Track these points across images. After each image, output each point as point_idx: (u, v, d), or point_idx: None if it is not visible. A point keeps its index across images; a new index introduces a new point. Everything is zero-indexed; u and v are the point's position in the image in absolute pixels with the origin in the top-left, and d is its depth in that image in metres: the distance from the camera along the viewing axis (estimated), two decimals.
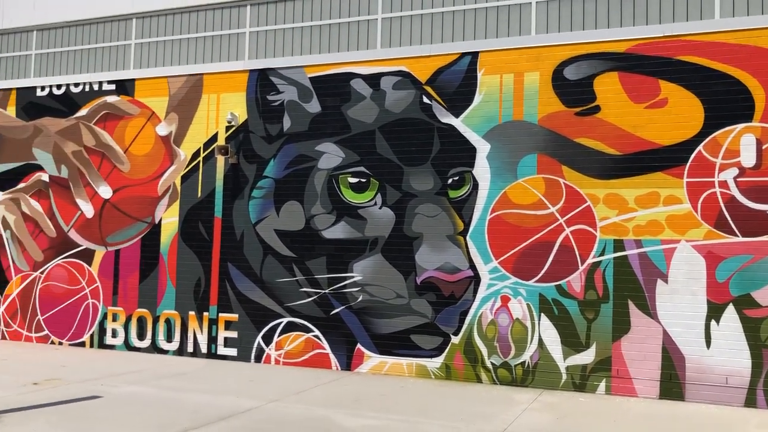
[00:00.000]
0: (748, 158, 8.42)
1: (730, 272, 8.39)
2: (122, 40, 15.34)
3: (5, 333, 12.36)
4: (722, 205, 8.48)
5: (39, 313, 12.10)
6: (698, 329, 8.47)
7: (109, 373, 9.27)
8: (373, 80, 10.29)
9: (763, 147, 8.39)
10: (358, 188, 10.21)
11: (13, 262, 12.43)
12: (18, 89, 12.79)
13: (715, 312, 8.42)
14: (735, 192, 8.43)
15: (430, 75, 9.97)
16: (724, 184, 8.49)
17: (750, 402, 8.19)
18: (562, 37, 9.45)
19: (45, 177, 12.28)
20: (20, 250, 12.37)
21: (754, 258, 8.31)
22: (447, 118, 9.82)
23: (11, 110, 12.76)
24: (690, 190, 8.62)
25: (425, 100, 9.96)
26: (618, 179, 8.94)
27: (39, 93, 12.57)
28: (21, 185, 12.48)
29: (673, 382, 8.50)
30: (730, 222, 8.43)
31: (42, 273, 12.15)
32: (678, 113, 8.74)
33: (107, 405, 7.44)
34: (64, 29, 16.03)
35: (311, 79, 10.66)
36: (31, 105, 12.60)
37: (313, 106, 10.59)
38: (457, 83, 9.83)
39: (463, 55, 9.85)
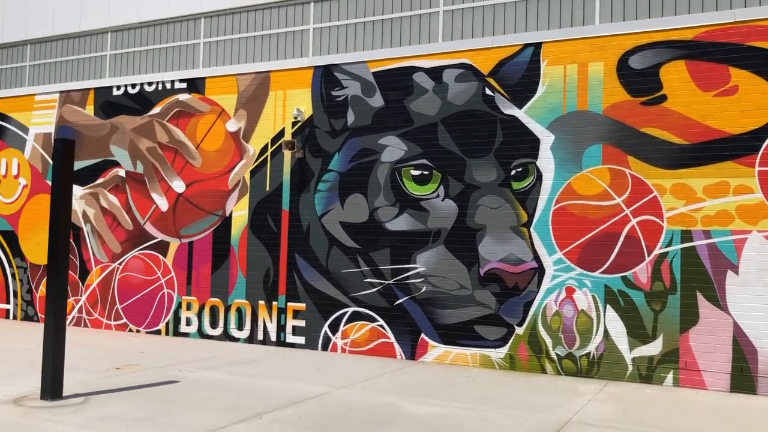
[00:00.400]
0: None
1: None
2: (191, 39, 15.89)
3: (87, 321, 13.04)
4: None
5: (118, 303, 12.73)
6: None
7: (184, 360, 9.71)
8: (435, 73, 10.39)
9: None
10: (420, 180, 10.35)
11: (93, 254, 13.10)
12: (95, 89, 13.42)
13: None
14: None
15: (492, 67, 10.01)
16: None
17: None
18: (627, 26, 9.34)
19: (122, 172, 12.88)
20: (100, 243, 13.02)
21: None
22: (510, 110, 9.85)
23: (89, 109, 13.41)
24: (762, 179, 8.42)
25: (488, 91, 10.01)
26: (686, 169, 8.80)
27: (115, 92, 13.17)
28: (99, 180, 13.12)
29: (744, 375, 8.35)
30: None
31: (120, 264, 12.77)
32: (749, 101, 8.54)
33: (184, 389, 7.84)
34: (136, 30, 16.70)
35: (374, 73, 10.84)
36: (107, 104, 13.22)
37: (376, 101, 10.77)
38: (520, 74, 9.83)
39: (526, 46, 9.85)
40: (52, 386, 7.00)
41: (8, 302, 14.03)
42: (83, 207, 13.26)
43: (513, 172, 9.76)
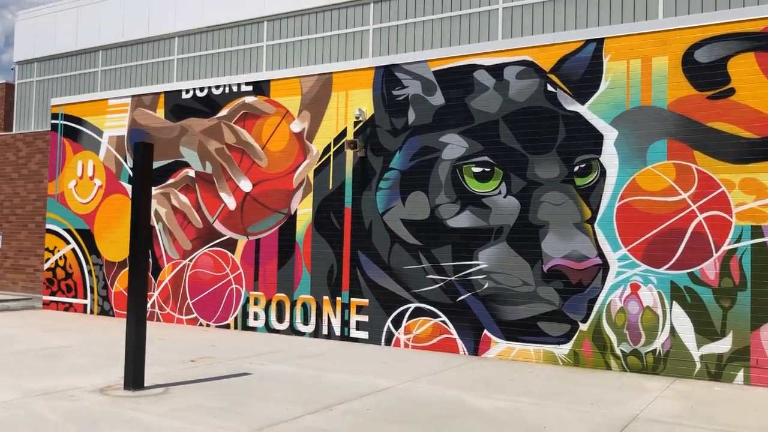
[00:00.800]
0: None
1: None
2: (254, 43, 16.30)
3: (159, 315, 13.60)
4: None
5: (189, 298, 13.23)
6: None
7: (254, 353, 10.07)
8: (496, 71, 10.45)
9: None
10: (482, 177, 10.44)
11: (165, 251, 13.64)
12: (166, 93, 13.95)
13: None
14: None
15: (554, 63, 10.01)
16: None
17: None
18: (692, 20, 9.21)
19: (191, 173, 13.37)
20: (171, 240, 13.56)
21: None
22: (572, 106, 9.84)
23: (160, 112, 13.95)
24: None
25: (549, 88, 10.01)
26: (755, 163, 8.64)
27: (184, 96, 13.66)
28: (170, 181, 13.65)
29: None
30: None
31: (190, 261, 13.27)
32: None
33: (257, 381, 8.15)
34: (202, 34, 17.23)
35: (434, 72, 10.97)
36: (177, 107, 13.73)
37: (437, 99, 10.89)
38: (582, 70, 9.81)
39: (588, 42, 9.81)
40: (134, 377, 7.41)
41: (85, 297, 14.74)
42: (155, 206, 13.81)
43: (576, 168, 9.75)
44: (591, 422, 6.62)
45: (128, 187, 14.24)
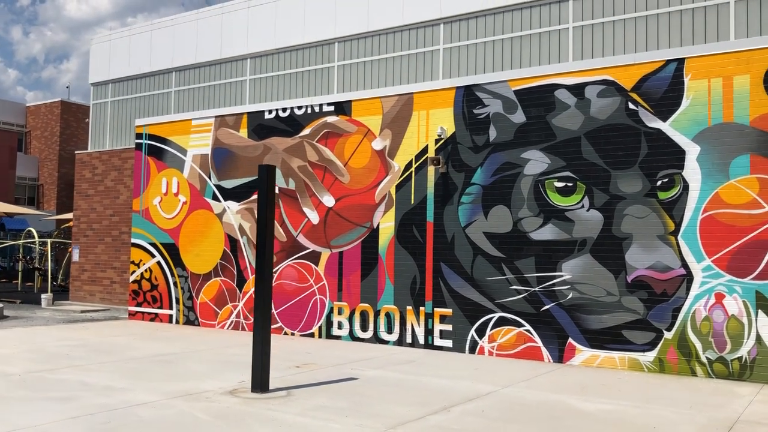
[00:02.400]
0: None
1: None
2: (326, 63, 17.01)
3: (245, 325, 14.29)
4: None
5: (273, 308, 13.89)
6: None
7: (349, 359, 10.65)
8: (577, 90, 10.94)
9: None
10: (564, 192, 10.91)
11: (250, 263, 14.35)
12: (249, 113, 14.71)
13: None
14: None
15: (635, 82, 10.46)
16: None
17: None
18: None
19: (275, 189, 14.04)
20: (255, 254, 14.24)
21: None
22: (654, 123, 10.27)
23: (243, 132, 14.70)
24: None
25: (631, 106, 10.46)
26: None
27: (267, 116, 14.39)
28: (254, 197, 14.37)
29: None
30: None
31: (275, 273, 13.94)
32: None
33: (365, 385, 8.72)
34: (274, 55, 18.01)
35: (515, 91, 11.49)
36: (260, 126, 14.46)
37: (518, 117, 11.41)
38: (663, 89, 10.24)
39: (669, 62, 10.24)
40: (261, 382, 8.03)
41: (171, 308, 15.51)
42: (239, 221, 14.54)
43: (659, 183, 10.17)
44: (696, 423, 7.04)
45: (212, 203, 15.01)
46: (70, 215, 25.52)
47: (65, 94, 61.08)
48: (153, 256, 15.91)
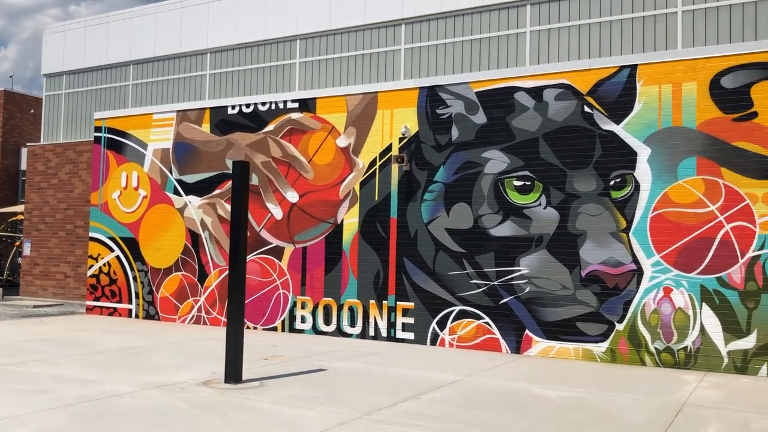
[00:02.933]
0: None
1: None
2: (287, 59, 17.17)
3: (206, 319, 14.37)
4: None
5: None
6: None
7: (314, 352, 10.90)
8: (535, 93, 11.42)
9: None
10: (523, 190, 11.39)
11: (212, 258, 14.43)
12: (211, 108, 14.76)
13: None
14: None
15: (590, 87, 10.99)
16: None
17: None
18: (719, 49, 10.25)
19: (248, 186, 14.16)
20: (218, 248, 14.35)
21: None
22: (608, 125, 10.83)
23: (206, 127, 14.76)
24: None
25: (586, 109, 11.00)
26: None
27: (230, 111, 14.48)
28: (216, 191, 14.46)
29: None
30: None
31: None
32: None
33: (335, 375, 9.00)
34: (234, 51, 18.05)
35: (477, 93, 11.91)
36: (223, 122, 14.55)
37: (479, 118, 11.84)
38: (617, 94, 10.80)
39: (622, 68, 10.81)
40: (235, 373, 8.23)
41: (130, 302, 15.46)
42: (201, 216, 14.61)
43: (612, 183, 10.73)
44: (649, 407, 7.56)
45: (173, 198, 15.02)
46: (14, 208, 24.93)
47: (8, 83, 59.21)
48: (112, 250, 15.81)
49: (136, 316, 15.35)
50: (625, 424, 6.80)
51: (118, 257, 15.71)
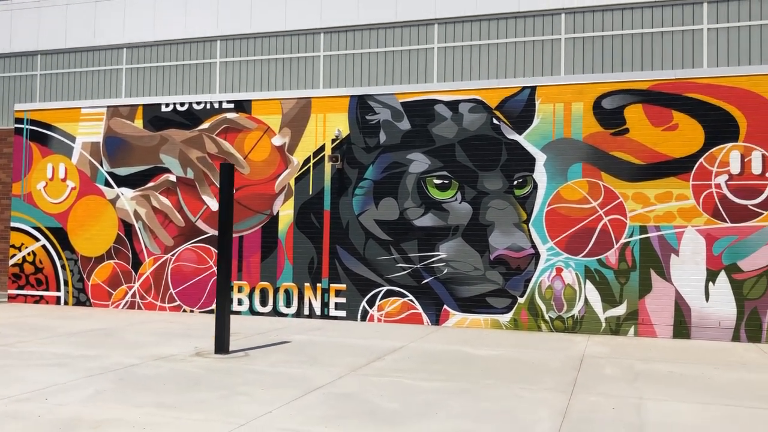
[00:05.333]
0: (735, 168, 11.96)
1: (722, 248, 11.95)
2: (207, 59, 18.21)
3: (140, 304, 15.27)
4: (717, 201, 12.01)
5: (171, 288, 15.05)
6: (700, 289, 12.02)
7: (266, 329, 12.36)
8: (452, 105, 13.50)
9: (745, 160, 11.93)
10: (442, 188, 13.44)
11: (146, 246, 15.32)
12: (144, 105, 15.58)
13: (711, 276, 11.98)
14: (726, 192, 11.97)
15: (498, 102, 13.22)
16: (718, 186, 12.01)
17: (735, 338, 11.79)
18: (600, 77, 12.83)
19: (172, 177, 15.17)
20: (152, 237, 15.26)
21: (739, 238, 11.88)
22: (512, 135, 13.12)
23: (138, 122, 15.55)
24: (694, 190, 12.11)
25: (495, 121, 13.22)
26: (642, 182, 12.38)
27: (164, 109, 15.39)
28: (150, 184, 15.34)
29: (682, 326, 12.05)
30: (722, 213, 11.97)
31: (172, 255, 15.09)
32: (685, 135, 12.21)
33: (303, 345, 10.58)
34: (152, 47, 18.79)
35: (402, 103, 13.81)
36: (156, 118, 15.43)
37: (404, 125, 13.75)
38: (520, 109, 13.11)
39: (524, 88, 13.13)
40: (223, 344, 9.61)
41: (58, 290, 15.95)
42: (134, 207, 15.43)
43: (515, 182, 13.04)
44: (558, 359, 9.85)
45: (105, 189, 15.69)
46: None
47: None
48: (37, 239, 16.17)
49: (66, 303, 15.88)
50: (549, 369, 9.01)
51: (44, 246, 16.10)
